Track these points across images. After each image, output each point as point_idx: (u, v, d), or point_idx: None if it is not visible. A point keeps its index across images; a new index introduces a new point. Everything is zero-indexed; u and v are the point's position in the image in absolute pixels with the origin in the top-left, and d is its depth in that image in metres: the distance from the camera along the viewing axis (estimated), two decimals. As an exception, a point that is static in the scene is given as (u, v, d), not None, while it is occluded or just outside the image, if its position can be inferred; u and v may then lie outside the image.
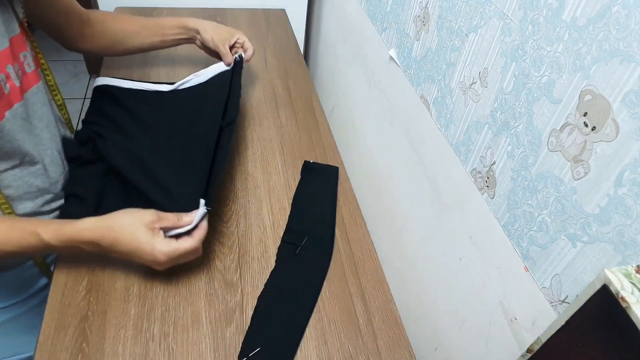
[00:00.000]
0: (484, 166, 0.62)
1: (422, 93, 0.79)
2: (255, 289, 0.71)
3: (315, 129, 1.02)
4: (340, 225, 0.83)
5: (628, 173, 0.40)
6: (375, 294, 0.74)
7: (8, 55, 0.67)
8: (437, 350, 0.75)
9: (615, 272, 0.35)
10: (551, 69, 0.49)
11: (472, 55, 0.64)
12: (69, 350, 0.61)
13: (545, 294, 0.50)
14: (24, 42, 0.72)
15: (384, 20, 0.96)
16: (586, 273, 0.45)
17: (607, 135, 0.42)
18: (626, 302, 0.33)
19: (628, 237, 0.40)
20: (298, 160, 0.93)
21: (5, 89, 0.67)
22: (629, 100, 0.40)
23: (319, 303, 0.70)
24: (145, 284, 0.69)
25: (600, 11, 0.43)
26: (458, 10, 0.67)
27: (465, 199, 0.66)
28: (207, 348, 0.63)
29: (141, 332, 0.64)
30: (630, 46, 0.40)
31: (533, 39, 0.52)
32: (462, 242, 0.67)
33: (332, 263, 0.76)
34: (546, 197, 0.50)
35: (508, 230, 0.57)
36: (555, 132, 0.49)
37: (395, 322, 0.71)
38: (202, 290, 0.69)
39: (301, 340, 0.66)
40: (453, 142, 0.69)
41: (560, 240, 0.48)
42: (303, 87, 1.15)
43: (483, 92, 0.61)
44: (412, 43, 0.83)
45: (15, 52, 0.70)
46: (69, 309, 0.65)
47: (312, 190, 0.89)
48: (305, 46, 1.74)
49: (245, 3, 1.45)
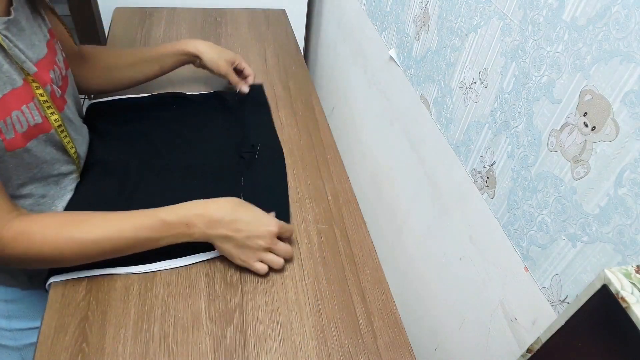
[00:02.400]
0: (484, 166, 0.62)
1: (422, 93, 0.79)
2: (255, 289, 0.71)
3: (315, 129, 1.02)
4: (340, 225, 0.83)
5: (628, 173, 0.40)
6: (375, 294, 0.74)
7: (49, 61, 0.70)
8: (437, 350, 0.75)
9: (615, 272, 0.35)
10: (551, 69, 0.49)
11: (472, 55, 0.64)
12: (69, 350, 0.61)
13: (545, 294, 0.50)
14: (54, 45, 0.74)
15: (384, 20, 0.96)
16: (586, 273, 0.45)
17: (607, 135, 0.42)
18: (626, 302, 0.33)
19: (628, 237, 0.40)
20: (298, 160, 0.93)
21: (57, 93, 0.70)
22: (629, 100, 0.40)
23: (319, 302, 0.71)
24: (145, 284, 0.69)
25: (600, 11, 0.43)
26: (458, 10, 0.67)
27: (465, 199, 0.66)
28: (207, 348, 0.63)
29: (141, 332, 0.64)
30: (630, 46, 0.40)
31: (533, 39, 0.52)
32: (462, 242, 0.67)
33: (332, 263, 0.76)
34: (546, 197, 0.50)
35: (508, 230, 0.57)
36: (555, 132, 0.49)
37: (395, 322, 0.71)
38: (202, 290, 0.69)
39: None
40: (453, 142, 0.69)
41: (560, 240, 0.48)
42: (303, 87, 1.15)
43: (483, 92, 0.61)
44: (412, 43, 0.83)
45: (52, 58, 0.71)
46: (69, 309, 0.65)
47: (246, 114, 0.99)
48: (305, 46, 1.74)
49: (245, 3, 1.45)
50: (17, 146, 0.64)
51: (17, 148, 0.64)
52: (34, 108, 0.66)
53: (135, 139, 0.89)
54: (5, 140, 0.62)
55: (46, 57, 0.69)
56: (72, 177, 0.77)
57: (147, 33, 1.27)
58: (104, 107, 0.95)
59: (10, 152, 0.63)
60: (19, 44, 0.64)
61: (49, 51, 0.70)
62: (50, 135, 0.69)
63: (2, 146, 0.62)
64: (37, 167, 0.69)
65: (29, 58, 0.65)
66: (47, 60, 0.69)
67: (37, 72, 0.66)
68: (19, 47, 0.64)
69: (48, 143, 0.70)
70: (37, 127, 0.66)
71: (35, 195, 0.71)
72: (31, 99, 0.65)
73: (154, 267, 0.70)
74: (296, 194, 0.87)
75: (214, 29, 1.32)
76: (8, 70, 0.62)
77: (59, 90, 0.72)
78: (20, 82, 0.63)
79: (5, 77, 0.61)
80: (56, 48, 0.74)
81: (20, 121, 0.63)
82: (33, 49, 0.67)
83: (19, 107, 0.63)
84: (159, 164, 0.84)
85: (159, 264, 0.70)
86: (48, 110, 0.68)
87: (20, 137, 0.64)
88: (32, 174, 0.69)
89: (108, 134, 0.87)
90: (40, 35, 0.69)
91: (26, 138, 0.65)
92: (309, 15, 1.61)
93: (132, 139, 0.89)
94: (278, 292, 0.71)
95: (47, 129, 0.68)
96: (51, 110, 0.69)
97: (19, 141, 0.64)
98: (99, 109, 0.94)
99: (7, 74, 0.62)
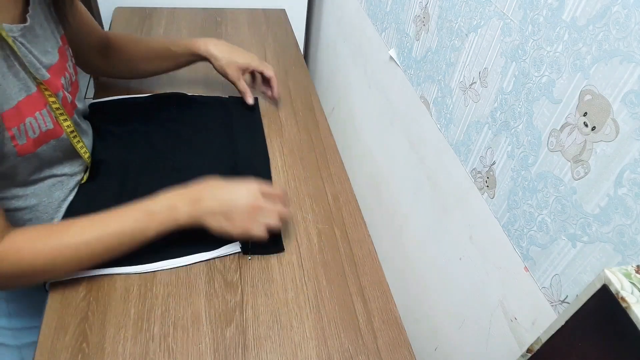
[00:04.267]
0: (484, 166, 0.62)
1: (422, 93, 0.79)
2: (255, 289, 0.71)
3: (315, 129, 1.02)
4: (340, 225, 0.83)
5: (628, 173, 0.40)
6: (375, 294, 0.74)
7: (61, 67, 0.70)
8: (437, 350, 0.75)
9: (615, 272, 0.35)
10: (551, 69, 0.49)
11: (472, 55, 0.64)
12: (69, 350, 0.61)
13: (545, 294, 0.50)
14: (65, 51, 0.74)
15: (384, 20, 0.96)
16: (586, 273, 0.45)
17: (607, 135, 0.42)
18: (626, 302, 0.33)
19: (628, 237, 0.40)
20: (298, 160, 0.93)
21: (68, 98, 0.71)
22: (629, 100, 0.40)
23: (319, 302, 0.71)
24: (145, 283, 0.69)
25: (600, 11, 0.43)
26: (458, 10, 0.67)
27: (465, 199, 0.66)
28: (207, 348, 0.63)
29: (141, 332, 0.64)
30: (630, 46, 0.40)
31: (533, 39, 0.52)
32: (462, 242, 0.67)
33: (332, 263, 0.76)
34: (546, 197, 0.50)
35: (508, 230, 0.57)
36: (555, 132, 0.49)
37: (395, 322, 0.71)
38: (202, 290, 0.69)
39: None
40: (453, 142, 0.69)
41: (560, 240, 0.48)
42: (303, 87, 1.15)
43: (483, 92, 0.61)
44: (412, 43, 0.83)
45: (64, 64, 0.72)
46: (69, 309, 0.65)
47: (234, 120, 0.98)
48: (305, 46, 1.74)
49: (245, 3, 1.45)
50: (28, 151, 0.64)
51: (27, 153, 0.64)
52: (47, 114, 0.65)
53: (135, 139, 0.89)
54: (17, 146, 0.62)
55: (58, 64, 0.69)
56: (77, 179, 0.77)
57: (147, 33, 1.27)
58: (104, 107, 0.95)
59: (21, 157, 0.63)
60: (34, 51, 0.64)
61: (60, 57, 0.70)
62: (60, 140, 0.69)
63: (14, 152, 0.62)
64: (43, 170, 0.69)
65: (43, 65, 0.65)
66: (59, 67, 0.69)
67: (49, 79, 0.66)
68: (33, 54, 0.63)
69: (57, 147, 0.70)
70: (48, 133, 0.66)
71: (39, 195, 0.71)
72: (44, 105, 0.65)
73: (154, 267, 0.70)
74: (296, 194, 0.87)
75: (214, 29, 1.32)
76: (24, 77, 0.62)
77: (70, 96, 0.72)
78: (34, 88, 0.63)
79: (21, 84, 0.61)
80: (67, 54, 0.74)
81: (32, 127, 0.63)
82: (46, 55, 0.67)
83: (33, 114, 0.63)
84: (159, 164, 0.84)
85: (159, 264, 0.70)
86: (61, 117, 0.68)
87: (31, 143, 0.64)
88: (36, 176, 0.69)
89: (108, 134, 0.88)
90: (53, 42, 0.69)
91: (37, 144, 0.65)
92: (309, 15, 1.61)
93: (132, 139, 0.89)
94: (278, 292, 0.71)
95: (58, 135, 0.68)
96: (64, 117, 0.69)
97: (30, 147, 0.64)
98: (99, 109, 0.94)
99: (23, 80, 0.62)
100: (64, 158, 0.73)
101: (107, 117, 0.92)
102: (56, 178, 0.73)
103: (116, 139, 0.87)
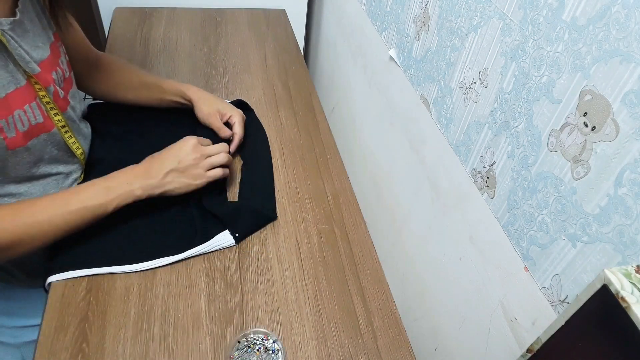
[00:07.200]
0: (484, 166, 0.62)
1: (422, 93, 0.79)
2: (255, 289, 0.71)
3: (315, 129, 1.02)
4: (341, 225, 0.83)
5: (628, 173, 0.40)
6: (375, 294, 0.74)
7: (52, 62, 0.70)
8: (437, 350, 0.75)
9: (615, 272, 0.35)
10: (551, 69, 0.49)
11: (472, 55, 0.64)
12: (69, 350, 0.61)
13: (545, 294, 0.50)
14: (58, 48, 0.74)
15: (383, 20, 0.96)
16: (586, 273, 0.45)
17: (607, 135, 0.42)
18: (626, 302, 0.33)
19: (628, 237, 0.40)
20: (298, 160, 0.93)
21: (60, 93, 0.71)
22: (629, 100, 0.40)
23: (319, 302, 0.71)
24: (145, 283, 0.69)
25: (600, 11, 0.43)
26: (458, 10, 0.67)
27: (465, 199, 0.66)
28: (207, 348, 0.63)
29: (141, 332, 0.64)
30: (630, 46, 0.40)
31: (533, 39, 0.52)
32: (462, 242, 0.67)
33: (332, 263, 0.76)
34: (546, 197, 0.50)
35: (508, 230, 0.57)
36: (555, 132, 0.49)
37: (395, 322, 0.71)
38: (202, 290, 0.69)
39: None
40: (453, 142, 0.69)
41: (560, 240, 0.48)
42: (303, 87, 1.15)
43: (483, 92, 0.61)
44: (412, 43, 0.83)
45: (55, 60, 0.72)
46: (69, 309, 0.65)
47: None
48: (305, 46, 1.74)
49: (245, 3, 1.45)
50: (18, 145, 0.64)
51: (18, 147, 0.64)
52: (36, 107, 0.66)
53: (134, 139, 0.89)
54: (6, 138, 0.62)
55: (49, 59, 0.69)
56: (74, 177, 0.77)
57: (147, 33, 1.27)
58: (104, 107, 0.95)
59: (11, 150, 0.64)
60: (23, 45, 0.64)
61: (52, 53, 0.71)
62: (51, 135, 0.70)
63: (3, 145, 0.62)
64: (36, 166, 0.69)
65: (33, 59, 0.66)
66: (50, 62, 0.70)
67: (39, 73, 0.66)
68: (23, 48, 0.64)
69: (49, 143, 0.70)
70: (38, 126, 0.67)
71: (34, 194, 0.71)
72: (34, 98, 0.65)
73: (154, 264, 0.70)
74: (296, 194, 0.87)
75: (214, 29, 1.32)
76: (13, 69, 0.62)
77: (62, 91, 0.72)
78: (24, 81, 0.64)
79: (10, 76, 0.62)
80: (60, 51, 0.74)
81: (22, 120, 0.64)
82: (36, 50, 0.67)
83: (22, 107, 0.63)
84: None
85: (159, 261, 0.70)
86: (51, 111, 0.69)
87: (21, 136, 0.64)
88: (30, 174, 0.69)
89: (107, 134, 0.88)
90: (44, 37, 0.70)
91: (27, 137, 0.65)
92: (309, 15, 1.61)
93: (131, 138, 0.89)
94: (278, 292, 0.71)
95: (48, 129, 0.69)
96: (54, 111, 0.69)
97: (20, 140, 0.64)
98: (99, 109, 0.94)
99: (12, 73, 0.62)
100: (58, 155, 0.73)
101: (106, 117, 0.92)
102: (51, 177, 0.73)
103: (115, 139, 0.87)
